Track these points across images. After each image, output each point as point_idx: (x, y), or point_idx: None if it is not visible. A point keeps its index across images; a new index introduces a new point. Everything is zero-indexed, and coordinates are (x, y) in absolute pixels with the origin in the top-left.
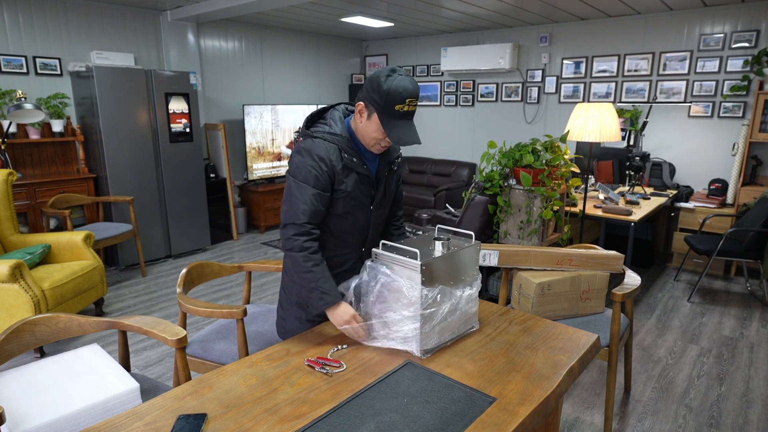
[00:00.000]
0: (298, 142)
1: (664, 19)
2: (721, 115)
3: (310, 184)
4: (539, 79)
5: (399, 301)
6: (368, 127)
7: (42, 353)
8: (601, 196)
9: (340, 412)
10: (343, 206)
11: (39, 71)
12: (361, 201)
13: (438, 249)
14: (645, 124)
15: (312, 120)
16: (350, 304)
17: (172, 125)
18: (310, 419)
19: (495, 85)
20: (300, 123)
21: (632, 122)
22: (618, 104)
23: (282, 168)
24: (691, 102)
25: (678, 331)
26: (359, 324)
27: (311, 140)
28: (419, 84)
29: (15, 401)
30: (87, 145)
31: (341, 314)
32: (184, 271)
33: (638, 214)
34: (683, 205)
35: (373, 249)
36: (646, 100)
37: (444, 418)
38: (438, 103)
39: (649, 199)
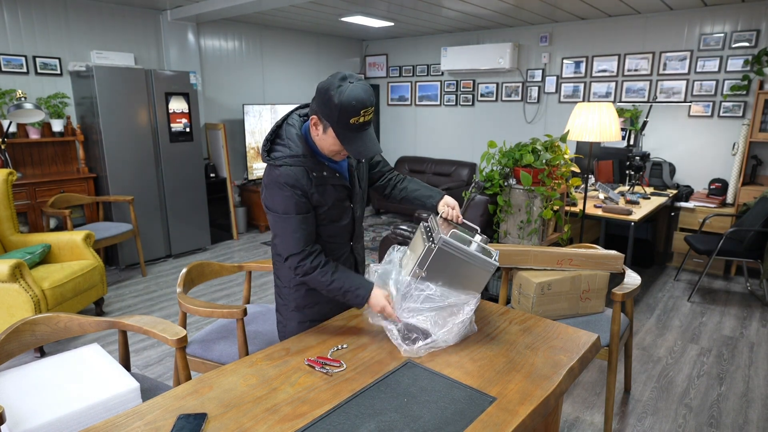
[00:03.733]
0: (266, 174)
1: (664, 18)
2: (721, 114)
3: (292, 213)
4: (539, 79)
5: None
6: (325, 141)
7: (42, 353)
8: (601, 196)
9: (340, 411)
10: (327, 216)
11: (39, 71)
12: (341, 206)
13: (478, 243)
14: (645, 123)
15: (270, 141)
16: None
17: (172, 125)
18: (310, 419)
19: (495, 85)
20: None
21: (632, 122)
22: (618, 104)
23: None
24: (691, 102)
25: (678, 330)
26: (391, 305)
27: (276, 170)
28: (419, 84)
29: (15, 401)
30: (87, 144)
31: (375, 302)
32: (184, 270)
33: (638, 213)
34: (683, 204)
35: (443, 238)
36: (646, 99)
37: (444, 418)
38: (438, 102)
39: (649, 198)
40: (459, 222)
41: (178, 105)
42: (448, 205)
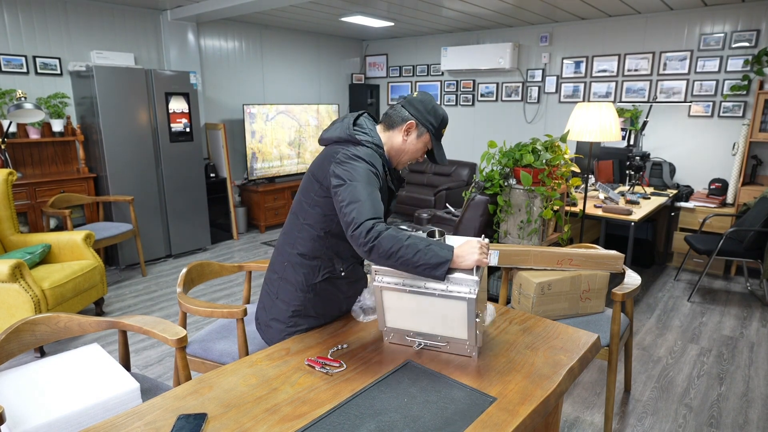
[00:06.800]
0: (348, 149)
1: (664, 18)
2: (721, 114)
3: (374, 185)
4: (539, 79)
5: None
6: (415, 146)
7: (42, 353)
8: (602, 196)
9: (340, 411)
10: None
11: (39, 71)
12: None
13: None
14: (645, 123)
15: (350, 126)
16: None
17: (172, 125)
18: (310, 419)
19: (495, 85)
20: (301, 123)
21: (632, 122)
22: (618, 104)
23: (281, 168)
24: (691, 102)
25: (678, 330)
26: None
27: (362, 147)
28: (419, 84)
29: (15, 401)
30: (87, 144)
31: (471, 249)
32: (184, 270)
33: (638, 213)
34: (683, 204)
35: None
36: (646, 99)
37: (444, 418)
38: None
39: (649, 198)
40: None
41: (178, 105)
42: None
